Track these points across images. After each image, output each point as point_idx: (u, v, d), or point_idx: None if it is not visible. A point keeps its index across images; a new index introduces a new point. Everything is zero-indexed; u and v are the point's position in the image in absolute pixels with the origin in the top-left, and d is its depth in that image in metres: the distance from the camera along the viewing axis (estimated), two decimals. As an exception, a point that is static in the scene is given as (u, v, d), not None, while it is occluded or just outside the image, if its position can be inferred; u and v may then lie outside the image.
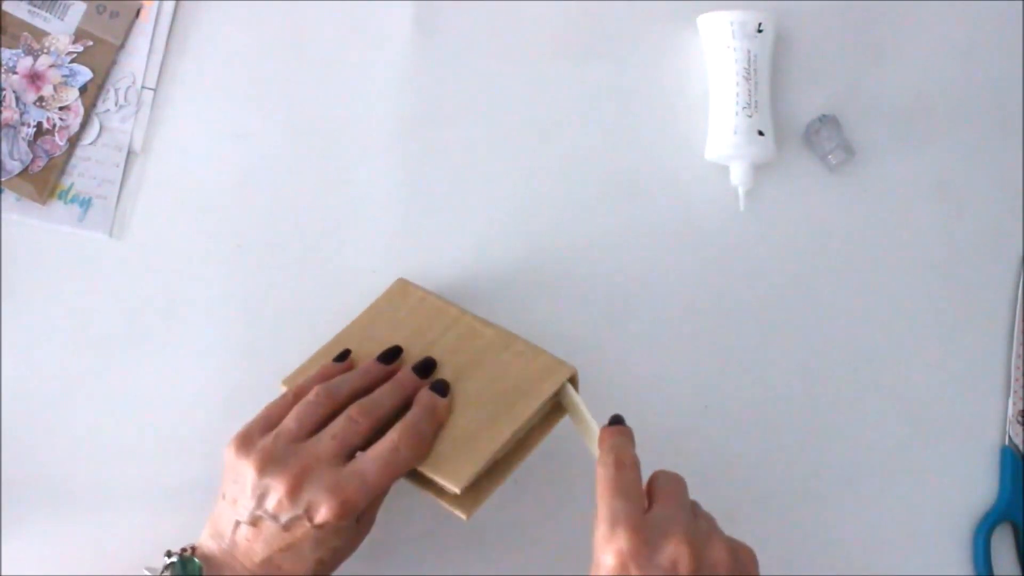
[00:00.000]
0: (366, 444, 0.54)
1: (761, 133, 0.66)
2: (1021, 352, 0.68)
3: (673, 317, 0.67)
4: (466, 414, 0.56)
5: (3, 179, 0.64)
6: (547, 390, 0.57)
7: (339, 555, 0.54)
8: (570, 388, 0.57)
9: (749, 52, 0.66)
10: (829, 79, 0.70)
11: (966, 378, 0.68)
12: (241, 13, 0.68)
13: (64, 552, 0.60)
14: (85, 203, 0.65)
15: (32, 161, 0.65)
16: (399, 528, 0.64)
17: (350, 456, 0.53)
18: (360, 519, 0.54)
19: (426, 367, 0.58)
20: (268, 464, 0.52)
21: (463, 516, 0.54)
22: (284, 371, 0.59)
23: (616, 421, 0.55)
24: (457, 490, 0.53)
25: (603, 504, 0.50)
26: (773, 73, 0.68)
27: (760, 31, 0.66)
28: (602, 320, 0.66)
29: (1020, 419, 0.67)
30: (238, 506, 0.52)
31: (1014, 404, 0.67)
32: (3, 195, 0.65)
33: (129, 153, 0.66)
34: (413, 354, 0.59)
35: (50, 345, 0.64)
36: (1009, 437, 0.67)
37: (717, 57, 0.67)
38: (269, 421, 0.55)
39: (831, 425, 0.67)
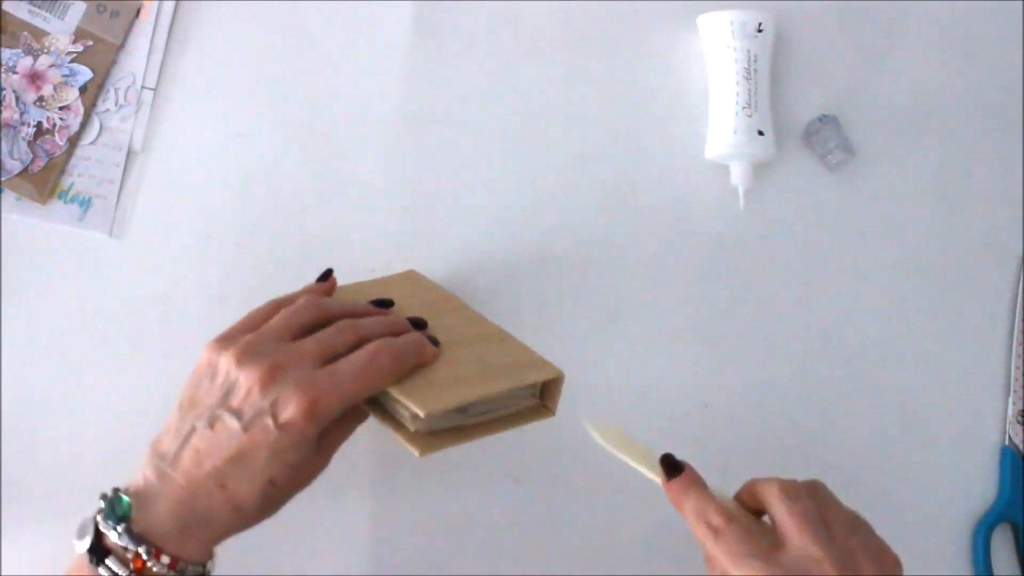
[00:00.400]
0: None
1: (761, 133, 0.66)
2: (1021, 352, 0.68)
3: (673, 316, 0.67)
4: (447, 369, 0.55)
5: (3, 179, 0.64)
6: (530, 378, 0.56)
7: (291, 482, 0.52)
8: (602, 439, 0.55)
9: (749, 52, 0.66)
10: (829, 79, 0.70)
11: (966, 378, 0.68)
12: (241, 13, 0.68)
13: (64, 552, 0.60)
14: (85, 203, 0.65)
15: (32, 161, 0.65)
16: (399, 527, 0.64)
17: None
18: (321, 443, 0.52)
19: (418, 323, 0.57)
20: (247, 355, 0.51)
21: (416, 452, 0.53)
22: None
23: (670, 466, 0.52)
24: (422, 413, 0.51)
25: (735, 570, 0.47)
26: (773, 73, 0.68)
27: (760, 31, 0.66)
28: (602, 318, 0.66)
29: (1020, 419, 0.67)
30: (198, 408, 0.51)
31: (1014, 404, 0.67)
32: (3, 195, 0.65)
33: (129, 153, 0.66)
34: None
35: (50, 345, 0.64)
36: (1009, 437, 0.67)
37: (717, 57, 0.67)
38: (251, 325, 0.54)
39: (831, 425, 0.67)
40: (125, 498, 0.50)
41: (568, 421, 0.59)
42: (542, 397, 0.58)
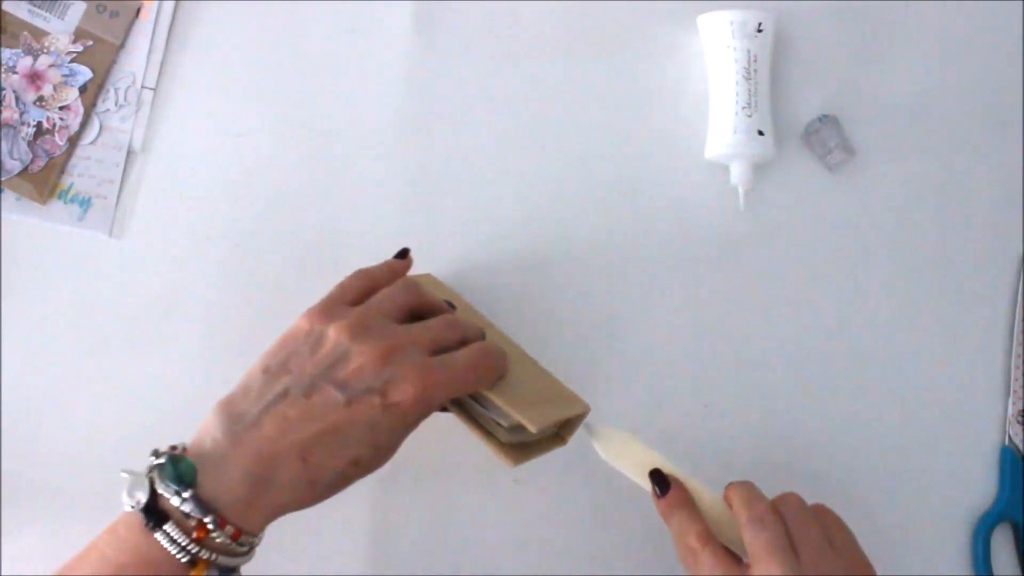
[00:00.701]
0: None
1: (761, 132, 0.66)
2: (1021, 352, 0.68)
3: (672, 315, 0.67)
4: (522, 386, 0.56)
5: (3, 179, 0.64)
6: (578, 408, 0.58)
7: (370, 464, 0.51)
8: (604, 450, 0.57)
9: (749, 52, 0.66)
10: (829, 79, 0.70)
11: (966, 378, 0.68)
12: (241, 12, 0.68)
13: (64, 552, 0.60)
14: (85, 203, 0.65)
15: (32, 161, 0.65)
16: (399, 527, 0.64)
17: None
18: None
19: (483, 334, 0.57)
20: (360, 331, 0.50)
21: (511, 464, 0.54)
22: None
23: (659, 482, 0.54)
24: (533, 428, 0.52)
25: None
26: (773, 73, 0.68)
27: (760, 31, 0.66)
28: (601, 318, 0.66)
29: (1020, 419, 0.67)
30: (292, 375, 0.49)
31: (1014, 404, 0.67)
32: (3, 195, 0.65)
33: (129, 153, 0.66)
34: None
35: (50, 345, 0.64)
36: (1009, 437, 0.67)
37: (717, 57, 0.67)
38: (345, 297, 0.53)
39: (831, 425, 0.67)
40: (191, 461, 0.48)
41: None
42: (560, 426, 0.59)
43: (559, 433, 0.59)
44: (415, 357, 0.50)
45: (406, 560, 0.63)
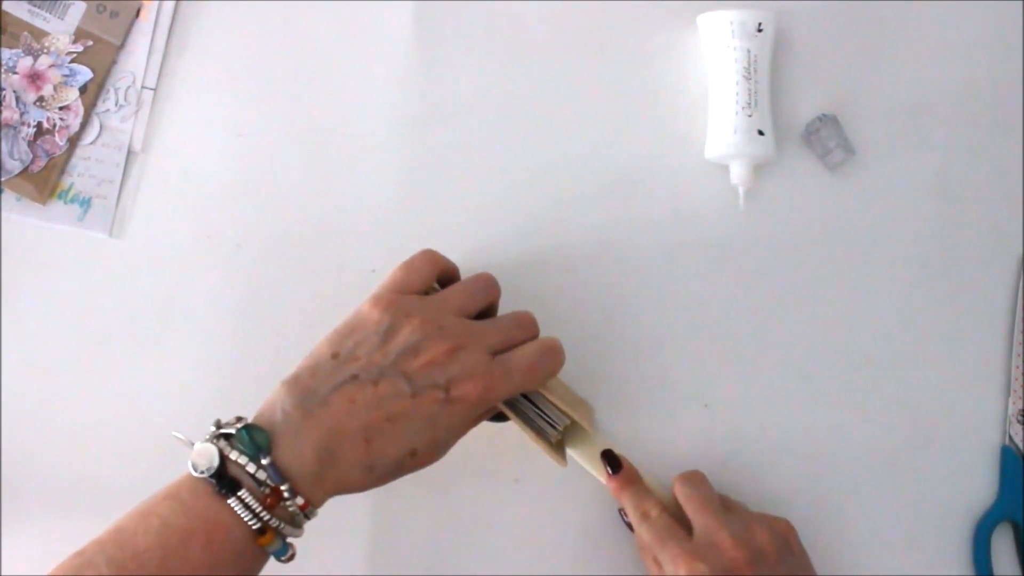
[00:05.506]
0: None
1: (761, 132, 0.66)
2: (1021, 352, 0.68)
3: (672, 316, 0.67)
4: (556, 386, 0.60)
5: (3, 179, 0.64)
6: (590, 410, 0.63)
7: (425, 457, 0.52)
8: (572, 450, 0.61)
9: (749, 52, 0.66)
10: (829, 79, 0.70)
11: (966, 378, 0.68)
12: (241, 13, 0.68)
13: (64, 552, 0.60)
14: (85, 203, 0.65)
15: (32, 161, 0.65)
16: (399, 528, 0.64)
17: None
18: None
19: None
20: (432, 328, 0.52)
21: (563, 464, 0.59)
22: (283, 370, 0.59)
23: (612, 463, 0.60)
24: (590, 430, 0.59)
25: (660, 553, 0.56)
26: (773, 73, 0.68)
27: (760, 31, 0.66)
28: (601, 319, 0.66)
29: (1020, 419, 0.67)
30: (361, 361, 0.51)
31: (1014, 404, 0.67)
32: (3, 195, 0.65)
33: (129, 153, 0.66)
34: None
35: (50, 345, 0.64)
36: (1009, 437, 0.67)
37: (717, 57, 0.67)
38: (412, 284, 0.55)
39: (831, 425, 0.66)
40: (266, 430, 0.49)
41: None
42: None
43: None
44: (481, 356, 0.52)
45: (407, 560, 0.63)
